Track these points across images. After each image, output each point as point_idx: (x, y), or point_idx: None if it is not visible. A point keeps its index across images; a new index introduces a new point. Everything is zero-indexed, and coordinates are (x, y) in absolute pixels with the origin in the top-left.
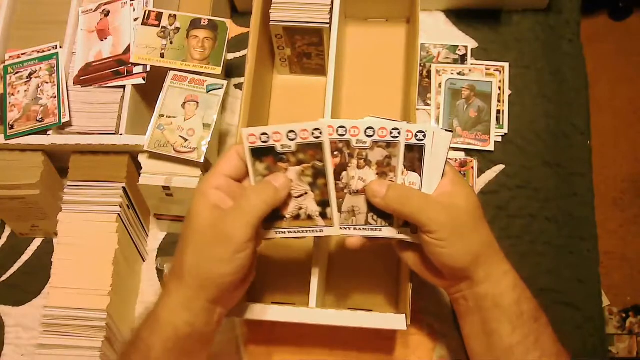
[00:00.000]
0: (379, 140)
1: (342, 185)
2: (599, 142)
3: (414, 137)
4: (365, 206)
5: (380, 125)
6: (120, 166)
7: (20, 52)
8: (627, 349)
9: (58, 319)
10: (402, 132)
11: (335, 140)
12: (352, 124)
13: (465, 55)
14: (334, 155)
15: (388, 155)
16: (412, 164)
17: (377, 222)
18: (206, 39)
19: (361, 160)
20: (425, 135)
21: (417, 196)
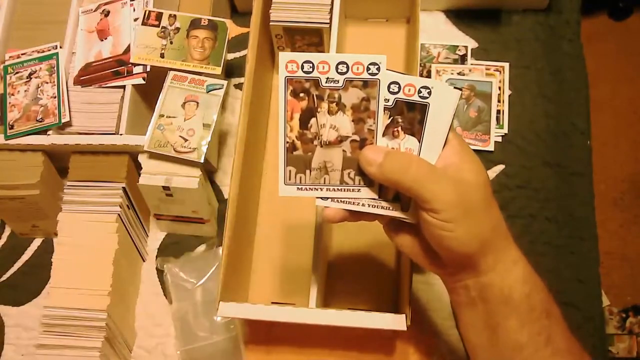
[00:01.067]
0: (354, 77)
1: (310, 135)
2: (599, 142)
3: (416, 93)
4: (339, 161)
5: (354, 60)
6: (120, 166)
7: (20, 52)
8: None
9: (58, 319)
10: (381, 66)
11: (300, 78)
12: (321, 58)
13: (465, 55)
14: (299, 98)
15: (365, 97)
16: (411, 126)
17: (354, 181)
18: (206, 39)
19: (333, 103)
20: (430, 93)
21: (420, 166)
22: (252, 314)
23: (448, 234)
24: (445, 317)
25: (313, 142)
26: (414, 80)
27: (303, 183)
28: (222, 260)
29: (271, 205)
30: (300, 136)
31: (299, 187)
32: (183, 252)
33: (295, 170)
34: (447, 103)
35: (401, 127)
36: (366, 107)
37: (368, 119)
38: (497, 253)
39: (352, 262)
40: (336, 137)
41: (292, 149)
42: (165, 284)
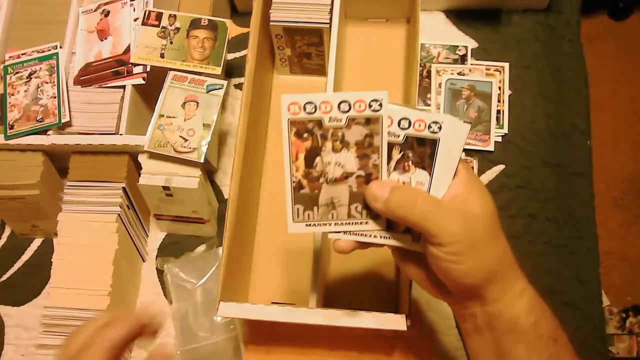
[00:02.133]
0: (357, 115)
1: (316, 173)
2: (599, 142)
3: (426, 128)
4: (346, 196)
5: (356, 98)
6: (120, 166)
7: (20, 52)
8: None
9: (58, 319)
10: (383, 103)
11: (303, 119)
12: (322, 98)
13: (465, 55)
14: (303, 138)
15: (369, 133)
16: (421, 160)
17: (361, 215)
18: (206, 39)
19: (337, 141)
20: (440, 127)
21: (426, 201)
22: (252, 314)
23: (455, 266)
24: (445, 317)
25: (319, 180)
26: (425, 115)
27: (312, 219)
28: (222, 260)
29: (271, 205)
30: (306, 175)
31: (307, 224)
32: (183, 252)
33: (303, 208)
34: (457, 136)
35: (412, 162)
36: (370, 143)
37: (372, 155)
38: (503, 283)
39: (352, 262)
40: (342, 174)
41: (298, 187)
42: (165, 284)
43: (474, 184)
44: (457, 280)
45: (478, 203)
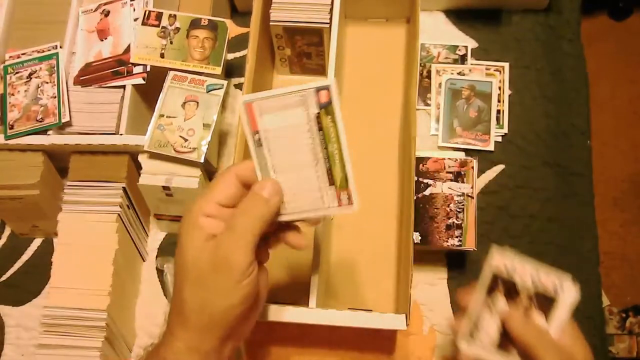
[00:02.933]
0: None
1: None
2: (599, 142)
3: (553, 286)
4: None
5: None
6: (120, 166)
7: (20, 52)
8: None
9: (58, 319)
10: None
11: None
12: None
13: (465, 55)
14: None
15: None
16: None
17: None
18: (206, 39)
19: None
20: (563, 289)
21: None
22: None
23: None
24: (445, 317)
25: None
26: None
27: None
28: None
29: None
30: None
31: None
32: None
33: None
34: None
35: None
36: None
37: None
38: None
39: (352, 262)
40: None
41: None
42: (165, 284)
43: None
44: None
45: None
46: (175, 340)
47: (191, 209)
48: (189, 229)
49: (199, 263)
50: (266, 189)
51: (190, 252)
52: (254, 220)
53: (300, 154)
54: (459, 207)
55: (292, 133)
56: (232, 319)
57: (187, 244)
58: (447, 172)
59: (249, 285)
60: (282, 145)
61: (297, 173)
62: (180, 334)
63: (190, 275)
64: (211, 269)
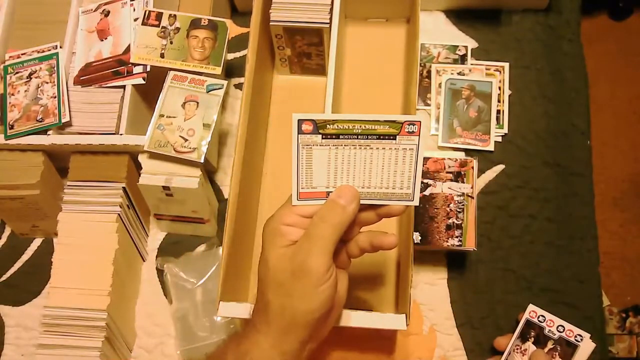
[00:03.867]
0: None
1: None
2: (599, 142)
3: (574, 336)
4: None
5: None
6: (120, 166)
7: (20, 52)
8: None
9: (58, 319)
10: (584, 340)
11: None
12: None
13: (465, 55)
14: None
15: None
16: (565, 355)
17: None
18: (206, 39)
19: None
20: (582, 339)
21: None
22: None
23: None
24: (446, 317)
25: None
26: (574, 328)
27: None
28: (222, 260)
29: (271, 205)
30: None
31: None
32: (183, 252)
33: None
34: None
35: (558, 354)
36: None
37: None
38: None
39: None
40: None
41: None
42: (165, 284)
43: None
44: None
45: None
46: (259, 335)
47: (273, 217)
48: (271, 236)
49: (279, 269)
50: (343, 197)
51: (272, 258)
52: (330, 227)
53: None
54: (459, 207)
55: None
56: (312, 322)
57: (269, 250)
58: (447, 172)
59: (328, 290)
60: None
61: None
62: (265, 331)
63: (272, 280)
64: (290, 274)
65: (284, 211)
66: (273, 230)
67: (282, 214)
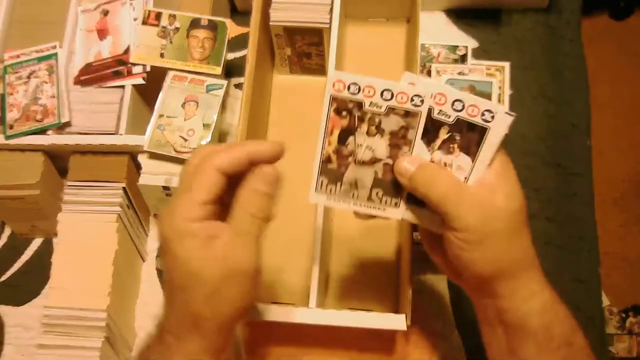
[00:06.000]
0: (397, 106)
1: (346, 152)
2: (599, 142)
3: (479, 115)
4: (370, 180)
5: (399, 89)
6: (120, 166)
7: (20, 52)
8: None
9: (58, 319)
10: (425, 100)
11: (345, 98)
12: (367, 82)
13: (465, 55)
14: (341, 116)
15: (405, 125)
16: (467, 145)
17: (381, 201)
18: (206, 39)
19: (372, 126)
20: (493, 117)
21: (449, 183)
22: (252, 314)
23: (463, 253)
24: (445, 317)
25: (348, 159)
26: (479, 102)
27: (333, 194)
28: None
29: None
30: (336, 151)
31: (328, 198)
32: None
33: (327, 182)
34: (502, 127)
35: (458, 145)
36: (404, 135)
37: (404, 146)
38: (514, 281)
39: (352, 262)
40: (370, 158)
41: (327, 161)
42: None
43: (506, 177)
44: (466, 267)
45: (504, 197)
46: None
47: (173, 217)
48: (179, 240)
49: (209, 275)
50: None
51: (195, 264)
52: (261, 221)
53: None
54: None
55: None
56: (243, 314)
57: (186, 256)
58: None
59: (259, 283)
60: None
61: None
62: (194, 339)
63: (200, 288)
64: (223, 278)
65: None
66: (178, 231)
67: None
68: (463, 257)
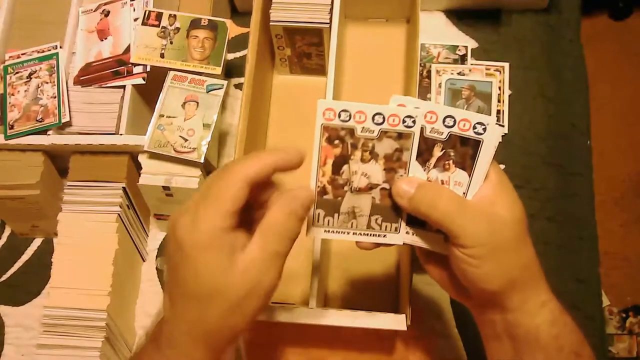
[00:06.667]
0: (389, 129)
1: (341, 181)
2: (599, 142)
3: (471, 128)
4: (368, 207)
5: (390, 112)
6: (120, 166)
7: (20, 52)
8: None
9: (58, 319)
10: (417, 120)
11: (336, 126)
12: (358, 107)
13: (465, 55)
14: (333, 145)
15: (399, 148)
16: (462, 160)
17: (380, 227)
18: (206, 39)
19: (366, 152)
20: (485, 129)
21: (451, 200)
22: None
23: (474, 270)
24: (445, 317)
25: (343, 188)
26: (470, 115)
27: (331, 226)
28: None
29: None
30: (331, 181)
31: (326, 230)
32: None
33: (324, 214)
34: (494, 138)
35: (453, 161)
36: (398, 158)
37: (399, 169)
38: (525, 292)
39: (352, 262)
40: (367, 185)
41: (322, 192)
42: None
43: (503, 188)
44: (476, 284)
45: (506, 207)
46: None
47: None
48: (204, 250)
49: (234, 291)
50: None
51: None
52: (291, 242)
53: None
54: None
55: None
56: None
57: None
58: None
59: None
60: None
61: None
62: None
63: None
64: (246, 294)
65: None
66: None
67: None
68: (473, 274)
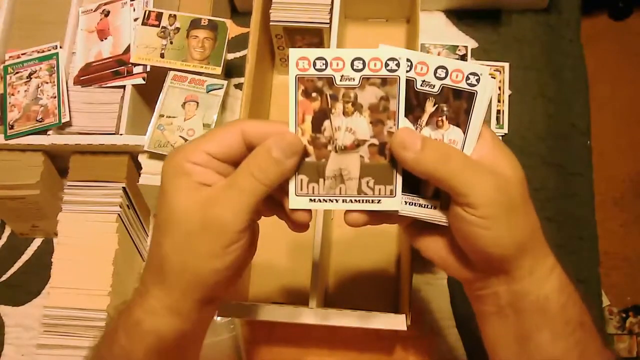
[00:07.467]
0: (371, 75)
1: (324, 139)
2: (599, 142)
3: (464, 79)
4: (357, 168)
5: (371, 56)
6: (120, 166)
7: (20, 52)
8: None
9: (58, 319)
10: (401, 62)
11: (312, 76)
12: (335, 54)
13: (465, 55)
14: (311, 98)
15: (384, 96)
16: (456, 116)
17: (373, 191)
18: (206, 39)
19: (348, 103)
20: (479, 80)
21: (459, 157)
22: (252, 314)
23: (484, 232)
24: (445, 317)
25: (327, 147)
26: (463, 65)
27: (316, 193)
28: None
29: None
30: (312, 140)
31: (311, 199)
32: None
33: (307, 179)
34: (488, 90)
35: (446, 117)
36: (385, 107)
37: (387, 121)
38: (534, 258)
39: (353, 262)
40: (352, 141)
41: (303, 155)
42: None
43: (500, 147)
44: (485, 249)
45: (508, 166)
46: (151, 299)
47: (176, 152)
48: (171, 175)
49: (187, 216)
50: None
51: (179, 202)
52: (260, 184)
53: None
54: None
55: None
56: (213, 282)
57: (173, 192)
58: None
59: (238, 251)
60: None
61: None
62: (156, 292)
63: (177, 229)
64: (200, 227)
65: (191, 147)
66: (176, 167)
67: (188, 150)
68: (483, 237)
